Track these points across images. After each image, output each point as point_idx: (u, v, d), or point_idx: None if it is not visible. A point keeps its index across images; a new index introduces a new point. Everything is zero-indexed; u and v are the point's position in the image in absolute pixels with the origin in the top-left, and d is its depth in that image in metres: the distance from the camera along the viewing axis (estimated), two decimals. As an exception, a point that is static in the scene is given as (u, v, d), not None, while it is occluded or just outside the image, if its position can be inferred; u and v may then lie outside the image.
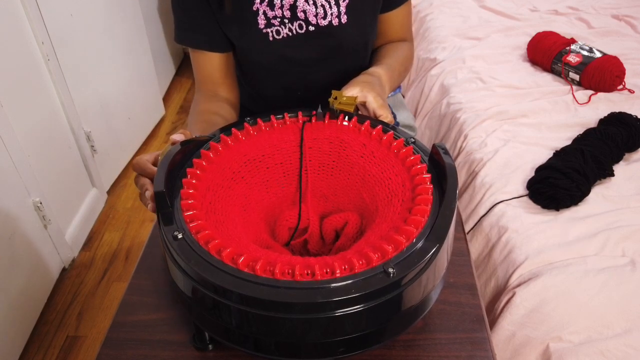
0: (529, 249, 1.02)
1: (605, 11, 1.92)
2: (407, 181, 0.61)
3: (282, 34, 0.87)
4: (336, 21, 0.87)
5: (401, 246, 0.51)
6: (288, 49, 0.89)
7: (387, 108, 0.73)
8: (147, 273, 0.72)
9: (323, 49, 0.90)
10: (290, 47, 0.89)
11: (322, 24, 0.87)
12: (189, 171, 0.60)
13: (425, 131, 1.64)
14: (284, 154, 0.69)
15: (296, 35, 0.87)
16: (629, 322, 0.90)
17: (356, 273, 0.49)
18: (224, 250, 0.51)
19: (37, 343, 1.45)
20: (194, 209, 0.56)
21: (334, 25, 0.87)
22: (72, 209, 1.72)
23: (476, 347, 0.61)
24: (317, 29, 0.87)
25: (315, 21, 0.86)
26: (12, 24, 1.39)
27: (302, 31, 0.87)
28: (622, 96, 1.42)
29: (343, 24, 0.87)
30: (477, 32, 1.83)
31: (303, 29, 0.87)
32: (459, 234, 0.76)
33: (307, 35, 0.88)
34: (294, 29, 0.87)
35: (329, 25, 0.87)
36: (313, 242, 0.70)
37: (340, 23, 0.87)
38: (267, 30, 0.86)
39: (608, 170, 1.15)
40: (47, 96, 1.56)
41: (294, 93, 0.98)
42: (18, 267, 1.39)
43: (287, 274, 0.49)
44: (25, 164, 1.41)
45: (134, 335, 0.64)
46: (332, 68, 0.93)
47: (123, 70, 2.01)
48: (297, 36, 0.88)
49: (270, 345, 0.51)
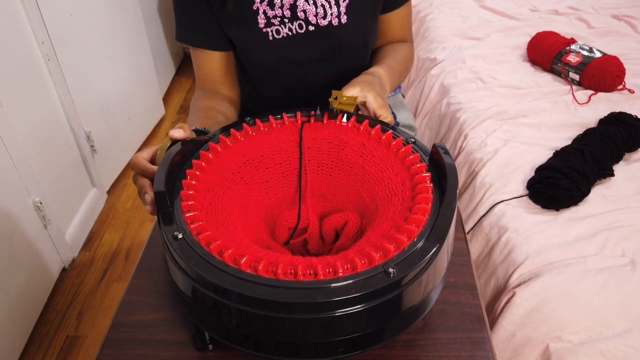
0: (529, 249, 1.02)
1: (605, 11, 1.92)
2: (406, 180, 0.61)
3: (282, 34, 0.87)
4: (336, 21, 0.87)
5: (403, 245, 0.51)
6: (288, 48, 0.89)
7: (387, 108, 0.73)
8: (147, 273, 0.72)
9: (323, 49, 0.90)
10: (290, 46, 0.89)
11: (322, 24, 0.87)
12: (189, 172, 0.60)
13: (425, 131, 1.64)
14: (282, 154, 0.69)
15: (296, 35, 0.87)
16: (629, 322, 0.90)
17: (356, 273, 0.49)
18: (226, 251, 0.51)
19: (37, 343, 1.45)
20: (195, 210, 0.56)
21: (334, 25, 0.87)
22: (72, 209, 1.72)
23: (476, 347, 0.61)
24: (317, 28, 0.87)
25: (315, 21, 0.86)
26: (12, 24, 1.39)
27: (302, 31, 0.87)
28: (622, 96, 1.42)
29: (343, 24, 0.87)
30: (477, 32, 1.83)
31: (303, 29, 0.87)
32: (459, 234, 0.76)
33: (307, 35, 0.88)
34: (294, 29, 0.87)
35: (329, 25, 0.87)
36: (313, 242, 0.70)
37: (340, 23, 0.87)
38: (267, 29, 0.86)
39: (608, 170, 1.15)
40: (47, 96, 1.56)
41: (294, 93, 0.98)
42: (18, 267, 1.39)
43: (290, 274, 0.49)
44: (25, 164, 1.41)
45: (134, 335, 0.64)
46: (332, 68, 0.93)
47: (123, 70, 2.01)
48: (296, 36, 0.88)
49: (270, 345, 0.51)
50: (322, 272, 0.49)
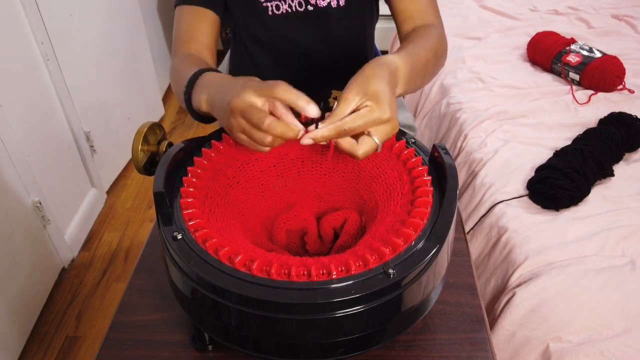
0: (529, 249, 1.02)
1: (605, 11, 1.92)
2: (404, 174, 0.61)
3: (282, 10, 0.88)
4: (335, 3, 0.88)
5: (399, 249, 0.51)
6: (287, 26, 0.90)
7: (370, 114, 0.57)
8: (146, 273, 0.72)
9: (320, 30, 0.91)
10: (289, 24, 0.90)
11: (321, 4, 0.88)
12: (185, 180, 0.60)
13: (425, 131, 1.64)
14: (275, 156, 0.69)
15: (295, 12, 0.89)
16: (629, 322, 0.90)
17: (356, 274, 0.49)
18: (222, 249, 0.51)
19: (37, 343, 1.45)
20: (193, 207, 0.56)
21: (332, 7, 0.89)
22: (72, 209, 1.72)
23: (476, 348, 0.61)
24: (315, 9, 0.89)
25: (315, 1, 0.88)
26: (11, 24, 1.39)
27: (302, 9, 0.89)
28: (622, 96, 1.42)
29: (341, 6, 0.89)
30: (477, 32, 1.83)
31: (302, 7, 0.88)
32: (459, 234, 0.76)
33: (306, 15, 0.89)
34: (294, 6, 0.88)
35: (328, 6, 0.88)
36: (311, 242, 0.70)
37: (338, 5, 0.88)
38: (267, 4, 0.88)
39: (608, 170, 1.15)
40: (46, 96, 1.56)
41: (293, 75, 0.97)
42: (17, 267, 1.38)
43: (284, 275, 0.49)
44: (25, 164, 1.41)
45: (134, 336, 0.63)
46: (331, 51, 0.94)
47: (123, 70, 2.01)
48: (295, 14, 0.89)
49: (269, 345, 0.51)
50: (317, 272, 0.48)
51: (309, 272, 0.49)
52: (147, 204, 1.92)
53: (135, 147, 0.71)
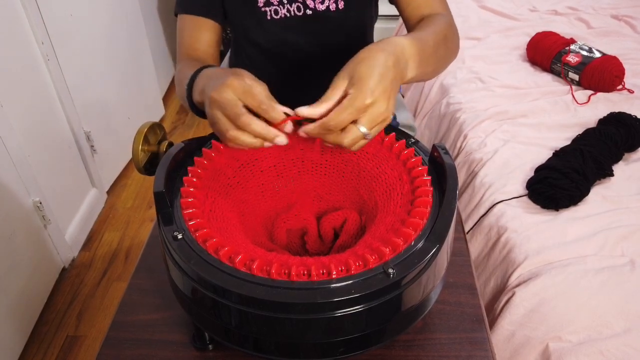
0: (529, 249, 1.02)
1: (604, 11, 1.92)
2: (403, 174, 0.61)
3: (280, 14, 0.88)
4: (333, 6, 0.88)
5: (399, 248, 0.51)
6: (285, 31, 0.90)
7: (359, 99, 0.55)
8: (147, 273, 0.72)
9: (320, 34, 0.91)
10: (288, 29, 0.90)
11: (320, 8, 0.88)
12: (185, 180, 0.60)
13: (424, 131, 1.64)
14: (275, 156, 0.69)
15: (293, 16, 0.89)
16: (628, 321, 0.90)
17: (356, 273, 0.49)
18: (222, 248, 0.51)
19: (37, 343, 1.45)
20: (194, 207, 0.56)
21: (331, 11, 0.88)
22: (72, 209, 1.72)
23: (476, 347, 0.61)
24: (314, 12, 0.88)
25: (313, 5, 0.88)
26: (12, 23, 1.39)
27: (300, 14, 0.88)
28: (622, 96, 1.42)
29: (340, 9, 0.88)
30: (476, 33, 1.83)
31: (301, 12, 0.88)
32: (458, 234, 0.76)
33: (305, 19, 0.89)
34: (292, 10, 0.88)
35: (326, 10, 0.88)
36: (311, 242, 0.70)
37: (337, 9, 0.88)
38: (265, 8, 0.88)
39: (607, 170, 1.15)
40: (47, 96, 1.56)
41: (293, 79, 0.98)
42: (18, 267, 1.39)
43: (284, 274, 0.49)
44: (25, 164, 1.41)
45: (134, 335, 0.64)
46: (331, 54, 0.94)
47: (123, 70, 2.01)
48: (294, 18, 0.89)
49: (270, 345, 0.52)
50: (317, 272, 0.49)
51: (309, 272, 0.49)
52: (147, 204, 1.92)
53: (136, 147, 0.72)
